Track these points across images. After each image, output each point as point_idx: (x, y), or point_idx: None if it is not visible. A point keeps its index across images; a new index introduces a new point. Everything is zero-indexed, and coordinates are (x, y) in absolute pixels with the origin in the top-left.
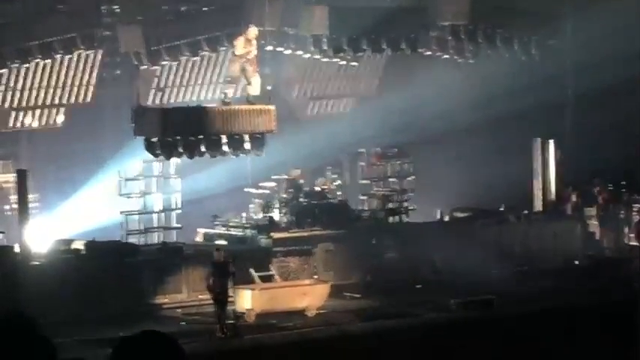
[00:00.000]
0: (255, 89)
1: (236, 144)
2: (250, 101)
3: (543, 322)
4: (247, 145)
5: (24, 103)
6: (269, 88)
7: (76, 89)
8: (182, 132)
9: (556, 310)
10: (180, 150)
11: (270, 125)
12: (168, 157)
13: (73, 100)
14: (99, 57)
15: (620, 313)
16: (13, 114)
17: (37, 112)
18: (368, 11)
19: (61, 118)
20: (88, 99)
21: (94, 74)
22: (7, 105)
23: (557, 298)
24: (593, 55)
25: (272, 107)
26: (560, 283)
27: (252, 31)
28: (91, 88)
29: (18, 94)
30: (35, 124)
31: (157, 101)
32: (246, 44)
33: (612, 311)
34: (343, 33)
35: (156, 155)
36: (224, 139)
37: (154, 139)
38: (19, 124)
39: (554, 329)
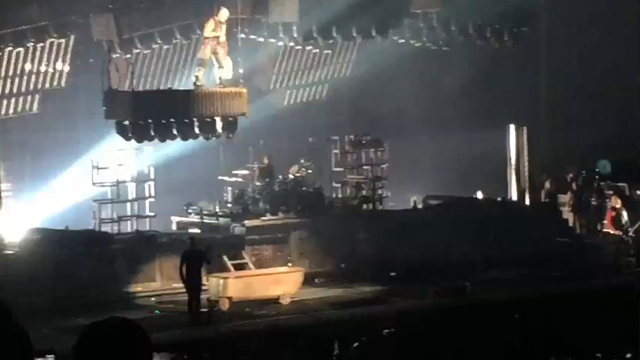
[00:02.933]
0: (227, 72)
1: (208, 127)
2: (222, 84)
3: (517, 309)
4: (219, 128)
5: None
6: (241, 71)
7: (49, 76)
8: (153, 115)
9: (529, 296)
10: (152, 133)
11: (242, 108)
12: (139, 140)
13: (47, 85)
14: (71, 45)
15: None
16: None
17: (11, 100)
18: None
19: (35, 106)
20: (63, 84)
21: (67, 61)
22: None
23: (530, 285)
24: (567, 43)
25: (244, 90)
26: (535, 270)
27: (224, 13)
28: (65, 75)
29: None
30: (9, 112)
31: (130, 88)
32: (216, 27)
33: (586, 298)
34: (313, 21)
35: (127, 139)
36: (196, 122)
37: (126, 122)
38: None
39: (528, 315)
